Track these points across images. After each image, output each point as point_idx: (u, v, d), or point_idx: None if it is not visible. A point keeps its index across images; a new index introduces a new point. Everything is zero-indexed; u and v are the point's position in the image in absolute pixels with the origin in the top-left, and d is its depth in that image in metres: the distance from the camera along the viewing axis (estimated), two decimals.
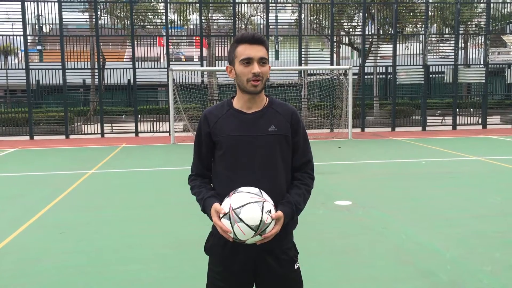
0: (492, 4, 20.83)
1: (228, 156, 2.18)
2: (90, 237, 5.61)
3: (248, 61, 2.13)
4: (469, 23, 23.58)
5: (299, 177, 2.28)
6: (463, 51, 25.00)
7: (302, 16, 20.52)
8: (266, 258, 2.19)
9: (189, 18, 22.83)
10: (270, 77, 19.55)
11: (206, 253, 2.32)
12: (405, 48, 21.65)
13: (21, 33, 18.74)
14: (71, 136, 19.07)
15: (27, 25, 19.12)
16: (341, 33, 24.72)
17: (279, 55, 21.70)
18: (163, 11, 19.61)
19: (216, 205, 2.10)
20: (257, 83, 2.13)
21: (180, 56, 31.21)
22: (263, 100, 2.25)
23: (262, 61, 2.14)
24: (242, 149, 2.15)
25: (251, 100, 2.21)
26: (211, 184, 2.33)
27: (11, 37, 20.31)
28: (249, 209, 1.98)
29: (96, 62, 20.82)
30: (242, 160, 2.15)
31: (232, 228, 1.99)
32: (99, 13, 19.90)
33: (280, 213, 2.09)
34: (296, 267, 2.27)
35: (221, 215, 2.04)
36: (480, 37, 22.33)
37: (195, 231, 5.07)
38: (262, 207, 1.99)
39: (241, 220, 1.97)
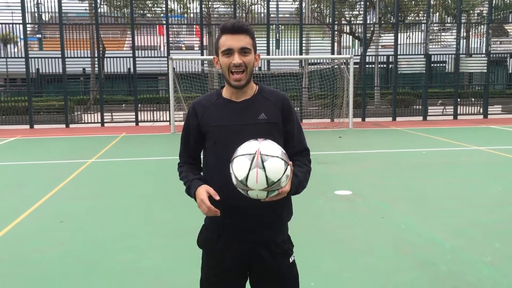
0: None
1: (218, 147, 2.13)
2: (89, 226, 5.61)
3: (228, 52, 2.08)
4: (471, 12, 23.41)
5: (298, 159, 2.22)
6: (465, 40, 24.85)
7: (303, 5, 20.37)
8: (260, 251, 2.15)
9: (189, 6, 22.67)
10: (271, 66, 19.51)
11: (199, 246, 2.29)
12: (406, 37, 21.52)
13: (21, 21, 18.61)
14: (71, 125, 19.03)
15: (27, 13, 18.99)
16: (343, 22, 24.56)
17: (280, 44, 21.58)
18: None
19: (207, 187, 2.06)
20: (239, 76, 2.08)
21: (180, 45, 31.08)
22: (253, 89, 2.20)
23: (244, 50, 2.08)
24: (232, 138, 2.08)
25: (239, 91, 2.16)
26: (201, 172, 2.29)
27: (11, 25, 20.20)
28: (276, 162, 1.87)
29: (96, 51, 20.72)
30: (233, 150, 2.07)
31: (249, 170, 1.86)
32: (98, 1, 19.76)
33: (287, 186, 1.98)
34: (291, 260, 2.22)
35: (241, 153, 1.90)
36: (482, 26, 22.19)
37: (194, 220, 5.05)
38: (286, 170, 1.90)
39: (264, 168, 1.85)
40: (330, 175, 8.35)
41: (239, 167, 1.89)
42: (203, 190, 2.06)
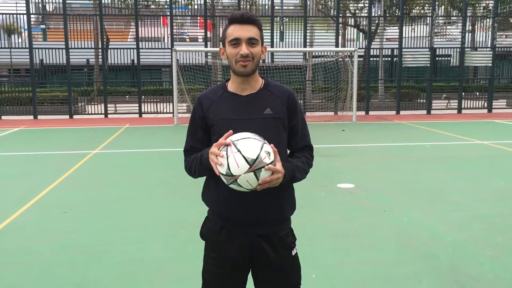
0: None
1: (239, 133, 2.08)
2: (93, 216, 5.64)
3: (236, 42, 2.06)
4: (477, 5, 23.25)
5: (298, 154, 2.22)
6: (470, 34, 24.70)
7: None
8: (262, 244, 2.14)
9: None
10: (274, 58, 19.41)
11: (202, 238, 2.29)
12: (411, 31, 21.40)
13: (25, 12, 18.61)
14: (75, 116, 19.07)
15: (31, 4, 18.97)
16: (347, 15, 24.44)
17: (284, 37, 21.50)
18: None
19: (215, 146, 1.99)
20: (246, 63, 2.07)
21: (184, 36, 31.02)
22: (258, 82, 2.18)
23: (251, 41, 2.07)
24: (237, 132, 2.04)
25: (244, 82, 2.14)
26: None
27: (15, 15, 20.18)
28: (249, 142, 1.93)
29: (99, 42, 20.70)
30: None
31: (227, 159, 1.91)
32: None
33: (278, 165, 1.97)
34: (293, 253, 2.22)
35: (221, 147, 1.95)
36: (487, 19, 22.04)
37: (198, 212, 5.07)
38: (262, 146, 1.93)
39: (238, 150, 1.90)
40: (333, 168, 8.35)
41: (220, 165, 1.94)
42: (214, 146, 2.01)
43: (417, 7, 23.28)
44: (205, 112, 2.18)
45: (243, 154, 1.90)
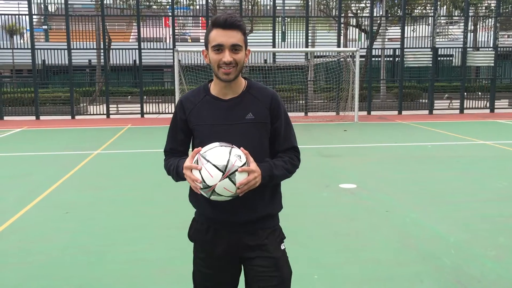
0: None
1: (206, 145, 2.06)
2: (95, 216, 5.64)
3: (219, 48, 2.02)
4: (479, 5, 23.21)
5: (281, 155, 2.18)
6: (472, 33, 24.65)
7: None
8: (250, 240, 2.13)
9: None
10: (276, 58, 19.38)
11: (190, 239, 2.29)
12: (413, 31, 21.37)
13: (27, 13, 18.64)
14: (77, 117, 19.10)
15: (33, 4, 19.00)
16: (349, 15, 24.41)
17: (286, 37, 21.49)
18: None
19: (188, 161, 2.00)
20: (228, 70, 2.03)
21: (186, 37, 31.03)
22: (241, 85, 2.15)
23: (235, 48, 2.02)
24: (219, 138, 2.03)
25: (227, 87, 2.11)
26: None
27: (17, 16, 20.21)
28: (216, 150, 1.94)
29: (101, 43, 20.72)
30: None
31: (200, 173, 1.92)
32: None
33: (253, 165, 1.96)
34: (282, 247, 2.20)
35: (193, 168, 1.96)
36: (490, 19, 22.00)
37: None
38: (230, 151, 1.93)
39: (208, 161, 1.91)
40: (335, 168, 8.35)
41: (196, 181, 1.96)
42: (187, 166, 2.00)
43: (419, 7, 23.23)
44: (187, 116, 2.16)
45: (213, 163, 1.90)
